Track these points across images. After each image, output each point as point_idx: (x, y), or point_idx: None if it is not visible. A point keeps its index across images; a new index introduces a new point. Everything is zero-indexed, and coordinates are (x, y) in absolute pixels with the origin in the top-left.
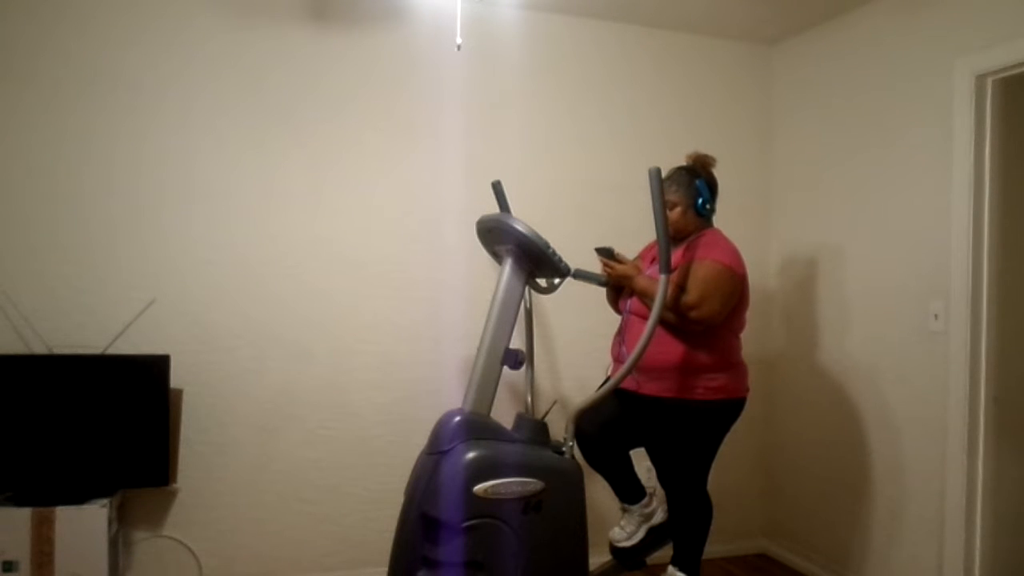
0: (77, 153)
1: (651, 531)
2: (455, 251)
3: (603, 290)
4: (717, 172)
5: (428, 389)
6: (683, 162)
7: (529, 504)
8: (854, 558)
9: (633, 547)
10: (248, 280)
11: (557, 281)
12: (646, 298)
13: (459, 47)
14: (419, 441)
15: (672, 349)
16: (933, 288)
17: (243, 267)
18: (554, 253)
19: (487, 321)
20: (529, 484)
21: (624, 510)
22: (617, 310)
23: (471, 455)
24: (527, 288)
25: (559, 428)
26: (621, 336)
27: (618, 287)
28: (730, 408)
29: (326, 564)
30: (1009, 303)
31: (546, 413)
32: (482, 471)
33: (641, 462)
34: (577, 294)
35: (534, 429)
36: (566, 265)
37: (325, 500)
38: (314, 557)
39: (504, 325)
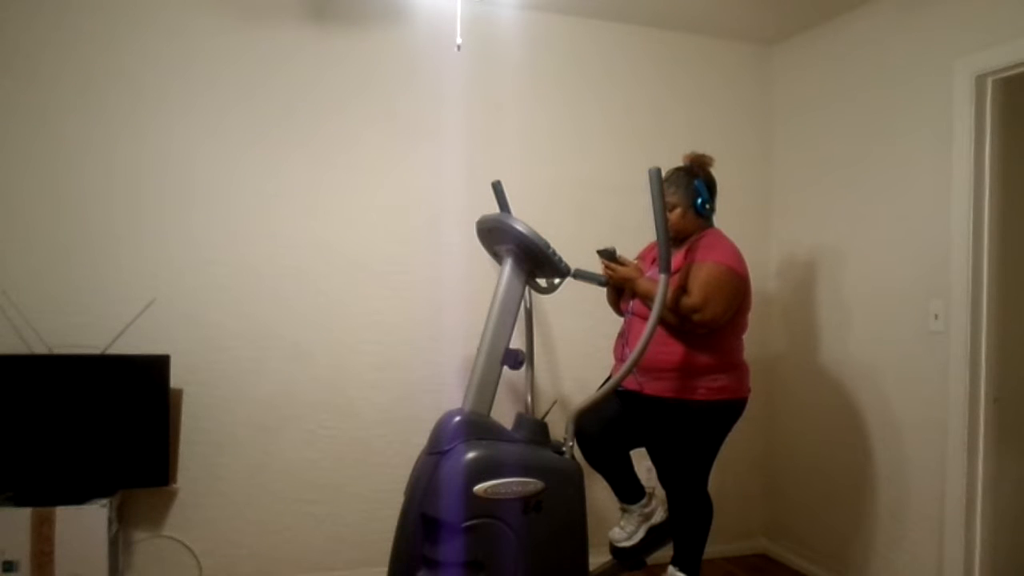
0: (77, 153)
1: (651, 531)
2: (455, 251)
3: (603, 290)
4: (717, 172)
5: (428, 389)
6: (682, 162)
7: (529, 504)
8: (855, 558)
9: (633, 547)
10: (248, 280)
11: (557, 281)
12: (649, 300)
13: (459, 47)
14: (419, 441)
15: (674, 349)
16: (933, 288)
17: (243, 267)
18: (554, 253)
19: (487, 321)
20: (529, 484)
21: (624, 510)
22: (618, 311)
23: (471, 455)
24: (527, 288)
25: (559, 428)
26: (624, 337)
27: (619, 288)
28: (732, 409)
29: (326, 564)
30: (1009, 303)
31: (546, 413)
32: (482, 471)
33: (641, 462)
34: (577, 294)
35: (534, 429)
36: (566, 265)
37: (325, 500)
38: (314, 557)
39: (504, 325)
